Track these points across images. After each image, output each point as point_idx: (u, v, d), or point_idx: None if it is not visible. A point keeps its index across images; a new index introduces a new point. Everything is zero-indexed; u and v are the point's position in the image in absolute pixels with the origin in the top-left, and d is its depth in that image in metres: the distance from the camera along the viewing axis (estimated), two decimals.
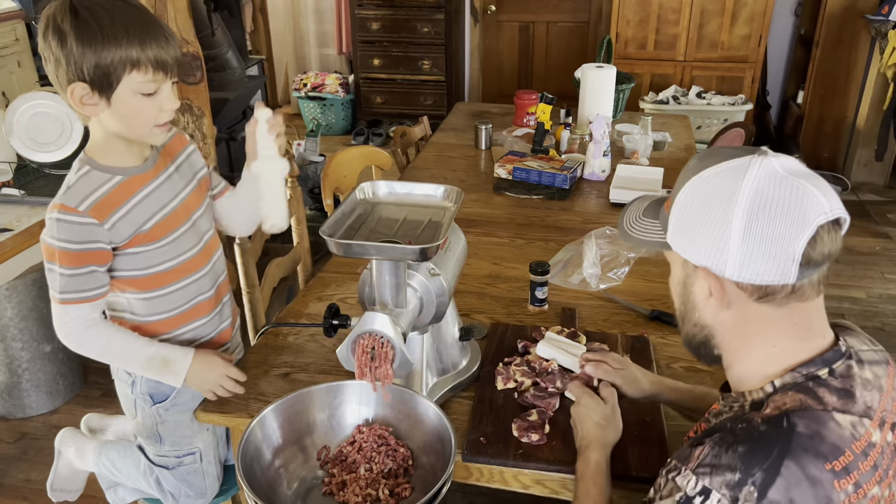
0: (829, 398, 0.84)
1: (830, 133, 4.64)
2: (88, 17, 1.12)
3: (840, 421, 0.82)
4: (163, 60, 1.18)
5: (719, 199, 0.85)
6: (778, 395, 0.86)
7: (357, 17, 5.14)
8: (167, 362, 1.33)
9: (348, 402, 1.26)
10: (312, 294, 1.77)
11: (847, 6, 4.32)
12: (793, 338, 0.88)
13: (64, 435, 1.70)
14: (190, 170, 1.39)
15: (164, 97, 1.21)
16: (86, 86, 1.16)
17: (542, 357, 1.44)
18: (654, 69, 4.50)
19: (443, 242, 1.23)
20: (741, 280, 0.86)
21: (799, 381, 0.86)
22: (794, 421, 0.81)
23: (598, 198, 2.36)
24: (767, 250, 0.83)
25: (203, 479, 1.52)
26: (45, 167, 2.26)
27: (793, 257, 0.82)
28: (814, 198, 0.82)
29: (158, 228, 1.30)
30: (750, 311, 0.88)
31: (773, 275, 0.84)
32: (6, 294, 2.33)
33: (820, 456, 0.79)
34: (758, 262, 0.83)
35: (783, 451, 0.79)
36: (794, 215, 0.82)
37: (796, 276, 0.83)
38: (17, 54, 4.33)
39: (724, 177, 0.86)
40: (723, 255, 0.85)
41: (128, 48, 1.14)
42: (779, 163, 0.85)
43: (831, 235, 0.83)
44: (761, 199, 0.82)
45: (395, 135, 2.85)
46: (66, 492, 1.74)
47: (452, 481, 1.09)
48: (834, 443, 0.80)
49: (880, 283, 3.41)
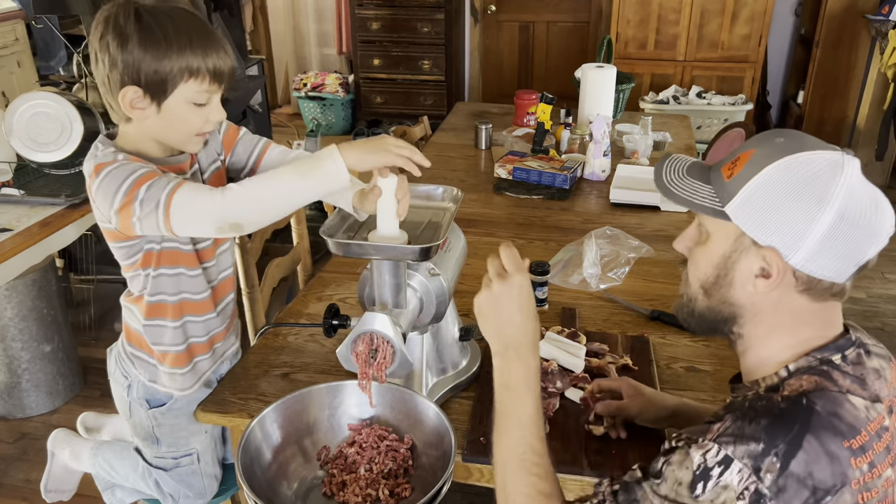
0: (844, 381, 0.86)
1: (831, 133, 4.63)
2: (153, 23, 1.12)
3: (855, 403, 0.84)
4: (220, 71, 1.18)
5: (814, 190, 0.84)
6: (793, 378, 0.88)
7: (357, 16, 5.14)
8: (314, 162, 1.17)
9: (348, 402, 1.26)
10: (312, 294, 1.77)
11: (847, 6, 4.32)
12: (815, 329, 0.90)
13: (57, 436, 1.69)
14: (206, 159, 1.35)
15: (213, 108, 1.21)
16: (139, 90, 1.15)
17: (542, 357, 1.44)
18: (655, 69, 4.50)
19: (443, 242, 1.23)
20: (803, 270, 0.86)
21: (814, 364, 0.88)
22: (812, 400, 0.83)
23: (599, 198, 2.36)
24: (841, 252, 0.85)
25: (202, 480, 1.52)
26: (45, 167, 2.25)
27: (858, 262, 0.86)
28: (888, 210, 0.86)
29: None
30: (788, 300, 0.89)
31: (833, 272, 0.86)
32: (6, 294, 2.33)
33: (839, 433, 0.80)
34: (828, 258, 0.85)
35: (804, 426, 0.80)
36: (873, 225, 0.85)
37: (848, 277, 0.87)
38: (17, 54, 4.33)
39: (818, 168, 0.85)
40: (798, 243, 0.85)
41: (191, 57, 1.14)
42: (858, 167, 0.87)
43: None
44: (852, 203, 0.84)
45: (395, 135, 2.85)
46: (59, 492, 1.74)
47: (452, 481, 1.09)
48: (851, 423, 0.82)
49: (880, 283, 3.41)
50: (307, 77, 5.51)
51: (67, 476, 1.72)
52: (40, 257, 2.10)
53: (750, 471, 0.78)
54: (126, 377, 1.42)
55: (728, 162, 0.92)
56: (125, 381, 1.42)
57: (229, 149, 1.39)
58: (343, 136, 5.51)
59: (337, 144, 1.17)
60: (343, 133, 5.53)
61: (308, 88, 5.46)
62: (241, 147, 1.39)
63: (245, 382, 1.44)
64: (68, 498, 1.77)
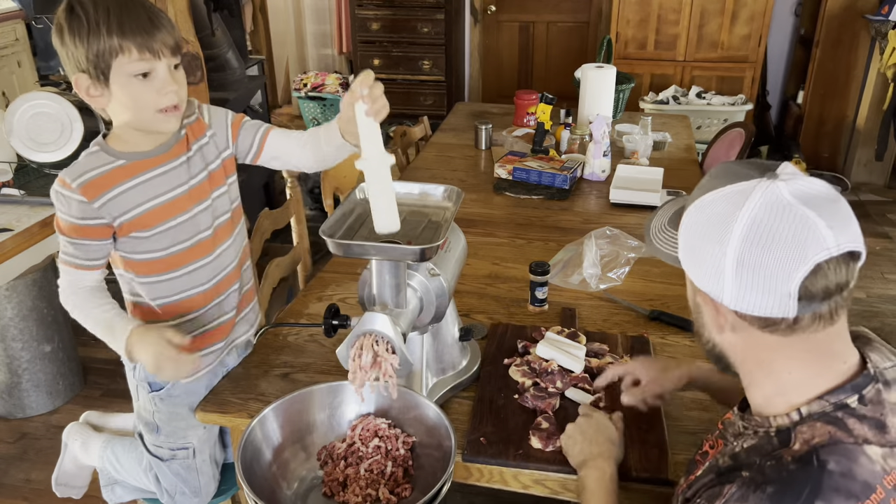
0: (860, 429, 0.80)
1: (830, 133, 4.64)
2: (79, 10, 1.17)
3: (871, 455, 0.78)
4: (146, 42, 1.19)
5: (717, 226, 0.81)
6: (805, 425, 0.82)
7: (357, 17, 5.14)
8: (111, 328, 1.30)
9: (348, 402, 1.26)
10: (312, 294, 1.77)
11: (847, 6, 4.32)
12: (808, 366, 0.84)
13: (72, 429, 1.72)
14: (201, 161, 1.36)
15: (161, 79, 1.22)
16: (86, 76, 1.20)
17: (542, 357, 1.44)
18: (654, 69, 4.50)
19: (443, 243, 1.23)
20: (738, 310, 0.82)
21: (827, 409, 0.82)
22: (823, 458, 0.77)
23: (598, 198, 2.36)
24: (761, 284, 0.79)
25: (197, 477, 1.52)
26: (45, 167, 2.25)
27: (788, 293, 0.78)
28: (816, 231, 0.76)
29: (148, 217, 1.29)
30: (756, 338, 0.84)
31: (770, 308, 0.80)
32: (6, 294, 2.33)
33: (852, 496, 0.76)
34: (752, 294, 0.80)
35: (814, 491, 0.76)
36: (790, 250, 0.77)
37: (795, 310, 0.79)
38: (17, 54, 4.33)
39: (725, 201, 0.81)
40: (720, 284, 0.82)
41: (108, 33, 1.17)
42: (790, 188, 0.79)
43: (839, 270, 0.78)
44: (757, 231, 0.78)
45: (395, 135, 2.85)
46: (70, 487, 1.75)
47: (452, 481, 1.09)
48: (866, 480, 0.77)
49: (880, 283, 3.41)
50: (307, 77, 5.51)
51: (77, 471, 1.73)
52: (40, 257, 2.11)
53: None
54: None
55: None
56: (131, 363, 1.44)
57: (235, 136, 1.42)
58: None
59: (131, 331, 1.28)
60: None
61: (308, 88, 5.45)
62: (244, 133, 1.42)
63: (245, 382, 1.44)
64: (79, 496, 1.78)
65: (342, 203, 1.34)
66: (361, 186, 1.39)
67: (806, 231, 0.76)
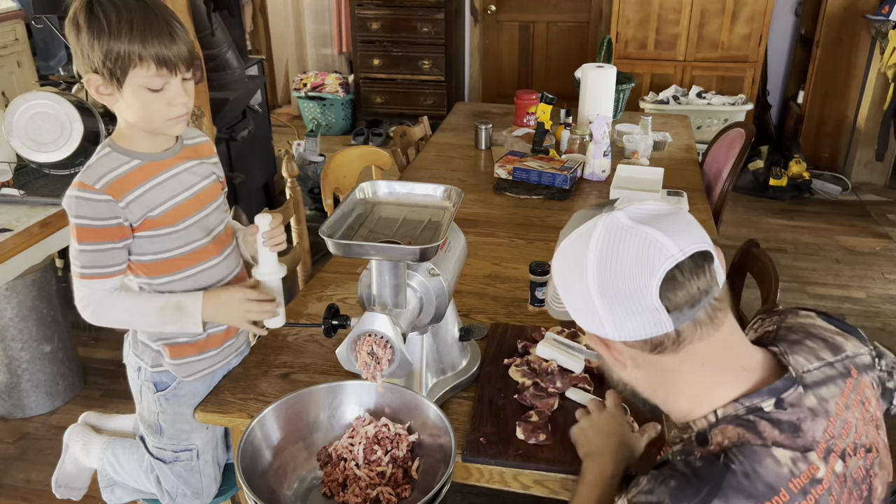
0: (770, 432, 0.82)
1: (831, 133, 4.64)
2: (100, 12, 1.18)
3: (779, 457, 0.80)
4: (166, 58, 1.20)
5: (574, 268, 0.85)
6: (719, 427, 0.85)
7: (357, 16, 5.14)
8: (180, 307, 1.32)
9: (348, 402, 1.26)
10: (312, 294, 1.77)
11: (847, 6, 4.32)
12: (708, 376, 0.86)
13: (73, 430, 1.72)
14: (208, 170, 1.41)
15: (172, 93, 1.23)
16: (99, 77, 1.21)
17: (542, 357, 1.44)
18: (655, 69, 4.50)
19: (443, 243, 1.23)
20: (624, 340, 0.84)
21: (740, 412, 0.84)
22: (730, 458, 0.80)
23: (599, 198, 2.35)
24: (628, 307, 0.81)
25: (200, 479, 1.52)
26: (45, 167, 2.25)
27: (654, 307, 0.80)
28: (657, 243, 0.79)
29: (170, 214, 1.31)
30: (654, 364, 0.87)
31: (648, 329, 0.82)
32: (6, 294, 2.33)
33: (751, 497, 0.77)
34: (626, 320, 0.82)
35: (713, 490, 0.78)
36: (639, 266, 0.79)
37: (672, 323, 0.81)
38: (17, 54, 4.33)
39: (575, 244, 0.86)
40: (598, 320, 0.84)
41: (130, 44, 1.17)
42: (626, 214, 0.83)
43: (695, 274, 0.80)
44: (606, 259, 0.81)
45: (395, 135, 2.85)
46: (70, 489, 1.75)
47: (452, 482, 1.09)
48: (769, 482, 0.78)
49: (880, 283, 3.41)
50: (307, 77, 5.51)
51: (78, 473, 1.73)
52: (40, 257, 2.10)
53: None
54: (139, 357, 1.44)
55: None
56: (137, 363, 1.44)
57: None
58: (343, 136, 5.51)
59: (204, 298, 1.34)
60: (343, 133, 5.53)
61: (308, 88, 5.46)
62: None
63: (245, 382, 1.44)
64: (78, 497, 1.77)
65: (342, 203, 1.34)
66: (361, 186, 1.39)
67: (648, 246, 0.80)
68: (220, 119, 3.20)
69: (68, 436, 1.71)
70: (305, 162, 4.07)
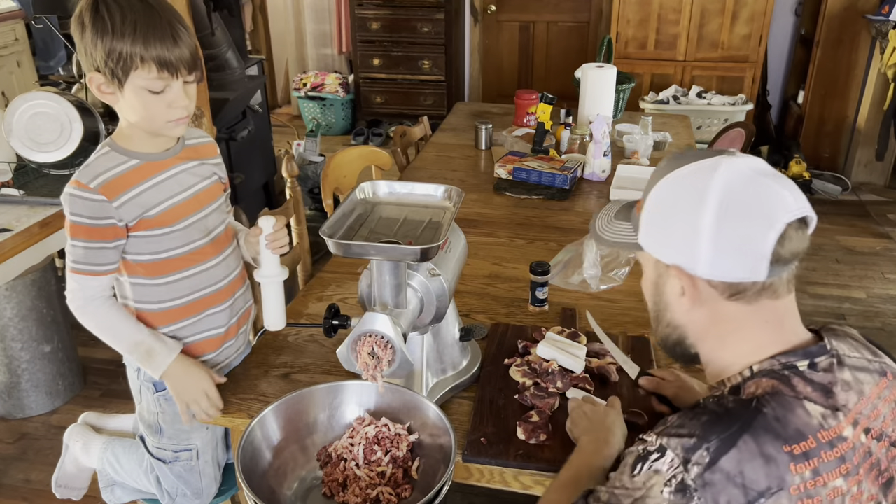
0: (804, 388, 0.85)
1: (831, 133, 4.63)
2: (105, 12, 1.18)
3: (809, 409, 0.83)
4: (167, 60, 1.20)
5: (689, 198, 0.87)
6: (753, 380, 0.88)
7: (357, 16, 5.14)
8: (151, 354, 1.34)
9: (348, 402, 1.26)
10: (312, 294, 1.77)
11: (847, 6, 4.32)
12: (764, 334, 0.90)
13: (73, 430, 1.72)
14: (209, 170, 1.41)
15: (173, 96, 1.24)
16: (101, 76, 1.22)
17: (542, 358, 1.44)
18: (655, 69, 4.50)
19: (443, 243, 1.23)
20: (712, 278, 0.87)
21: (776, 368, 0.88)
22: (762, 402, 0.83)
23: (599, 198, 2.35)
24: (738, 248, 0.85)
25: (200, 479, 1.52)
26: (45, 167, 2.25)
27: (763, 255, 0.84)
28: (781, 196, 0.84)
29: (168, 215, 1.31)
30: (721, 309, 0.90)
31: (744, 272, 0.85)
32: (6, 294, 2.33)
33: (780, 438, 0.80)
34: (728, 259, 0.85)
35: (744, 426, 0.81)
36: (762, 213, 0.84)
37: (766, 273, 0.85)
38: (17, 54, 4.32)
39: (693, 176, 0.88)
40: (694, 254, 0.87)
41: (132, 45, 1.18)
42: (745, 163, 0.87)
43: (799, 233, 0.85)
44: (730, 198, 0.84)
45: (395, 135, 2.85)
46: (70, 489, 1.75)
47: (452, 482, 1.09)
48: (798, 428, 0.81)
49: (881, 283, 3.41)
50: (307, 77, 5.51)
51: (78, 473, 1.73)
52: (40, 257, 2.10)
53: (680, 461, 0.81)
54: None
55: (642, 197, 0.97)
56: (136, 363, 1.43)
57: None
58: (343, 136, 5.51)
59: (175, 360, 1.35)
60: (343, 133, 5.53)
61: (308, 88, 5.45)
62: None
63: (245, 382, 1.44)
64: (78, 497, 1.77)
65: (342, 203, 1.34)
66: (362, 186, 1.39)
67: (772, 196, 0.85)
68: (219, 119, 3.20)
69: (68, 436, 1.71)
70: (305, 162, 4.07)
